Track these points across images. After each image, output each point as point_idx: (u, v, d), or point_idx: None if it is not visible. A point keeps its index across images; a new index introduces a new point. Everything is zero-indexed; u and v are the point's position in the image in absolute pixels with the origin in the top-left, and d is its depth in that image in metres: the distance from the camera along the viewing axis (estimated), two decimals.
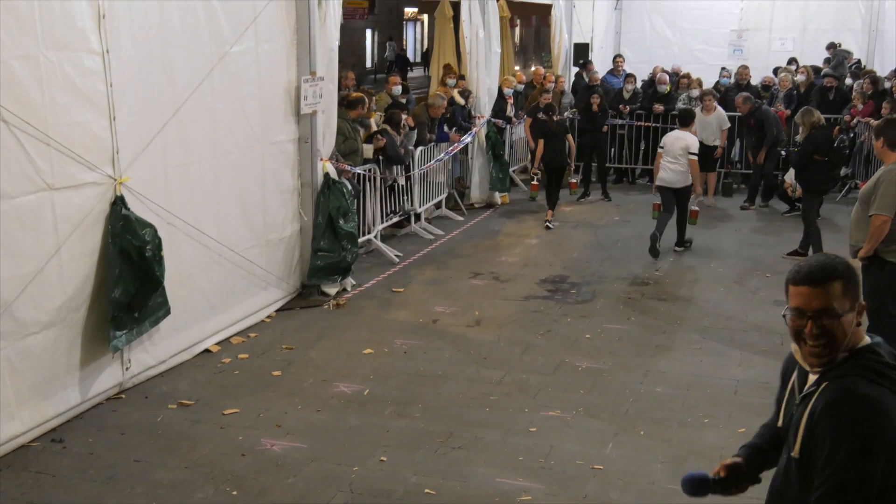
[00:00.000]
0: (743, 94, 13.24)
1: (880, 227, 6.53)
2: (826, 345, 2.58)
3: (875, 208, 6.54)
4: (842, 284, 2.57)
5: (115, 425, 6.01)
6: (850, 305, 2.58)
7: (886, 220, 6.51)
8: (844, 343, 2.58)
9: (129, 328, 6.31)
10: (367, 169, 10.05)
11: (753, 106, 12.99)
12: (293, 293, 8.70)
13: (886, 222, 6.51)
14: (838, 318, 2.56)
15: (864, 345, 2.63)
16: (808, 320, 2.58)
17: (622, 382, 6.78)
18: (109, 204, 6.23)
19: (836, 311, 2.56)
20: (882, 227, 6.52)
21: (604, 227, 11.99)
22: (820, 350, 2.59)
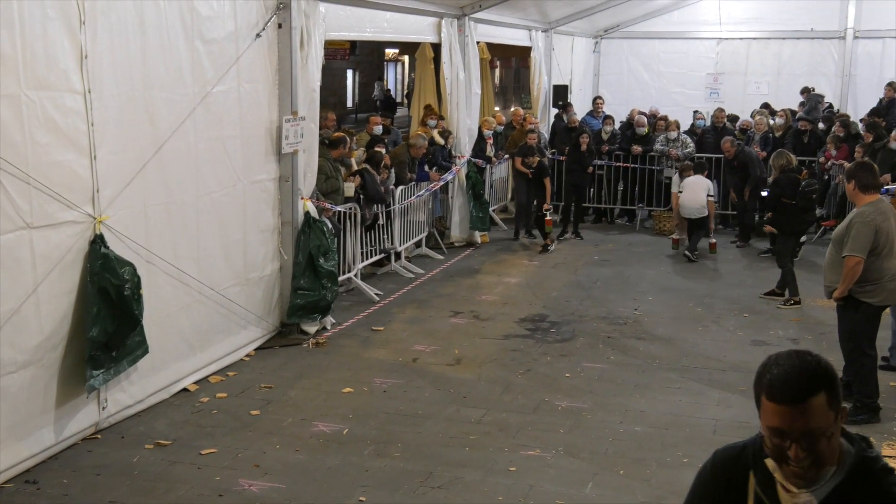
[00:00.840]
0: (728, 138, 13.49)
1: (853, 268, 6.63)
2: (813, 464, 2.25)
3: (848, 250, 6.65)
4: (826, 396, 2.22)
5: (91, 466, 5.94)
6: (836, 415, 2.25)
7: (859, 261, 6.61)
8: (833, 458, 2.27)
9: (107, 367, 6.27)
10: (348, 207, 10.09)
11: (738, 148, 13.22)
12: (273, 332, 8.67)
13: (859, 264, 6.62)
14: (827, 437, 2.23)
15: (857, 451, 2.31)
16: (791, 442, 2.24)
17: (601, 422, 6.79)
18: (88, 242, 6.22)
19: (823, 429, 2.22)
20: (855, 269, 6.62)
21: (583, 267, 12.07)
22: (806, 472, 2.26)
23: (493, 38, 14.89)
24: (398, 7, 10.97)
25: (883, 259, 6.67)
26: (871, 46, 18.31)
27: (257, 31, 8.01)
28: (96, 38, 6.15)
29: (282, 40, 8.38)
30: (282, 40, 8.38)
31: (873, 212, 6.68)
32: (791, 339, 8.90)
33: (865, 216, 6.66)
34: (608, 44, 20.43)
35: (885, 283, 6.73)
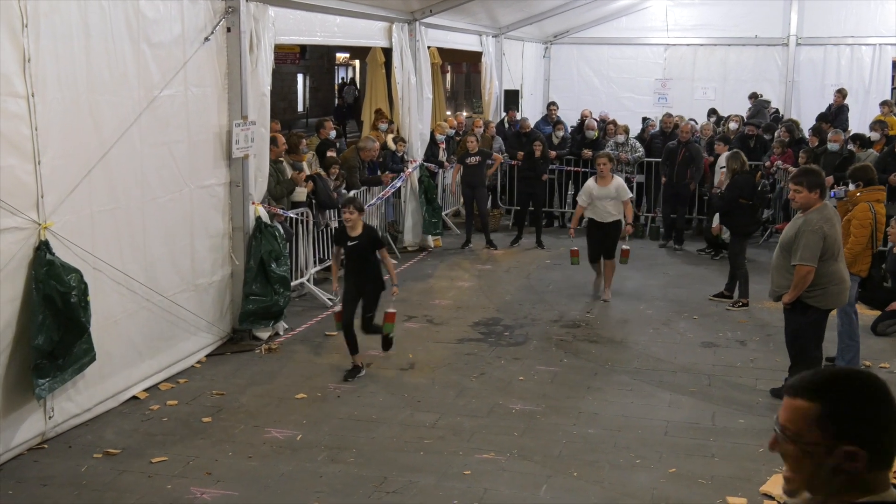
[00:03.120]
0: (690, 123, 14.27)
1: (805, 276, 6.77)
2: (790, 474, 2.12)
3: (798, 258, 6.78)
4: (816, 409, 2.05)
5: (37, 477, 5.81)
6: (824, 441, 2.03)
7: (810, 270, 6.75)
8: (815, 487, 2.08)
9: (53, 376, 6.14)
10: (300, 212, 10.02)
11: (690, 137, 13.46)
12: (224, 338, 8.57)
13: (810, 273, 6.76)
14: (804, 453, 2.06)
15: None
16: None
17: (555, 424, 6.83)
18: (33, 249, 6.09)
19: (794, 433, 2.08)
20: (806, 278, 6.77)
21: (535, 271, 12.13)
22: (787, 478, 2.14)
23: (443, 43, 14.93)
24: (348, 11, 10.94)
25: (828, 264, 6.82)
26: (813, 53, 18.76)
27: (205, 35, 7.93)
28: (39, 41, 6.02)
29: (231, 44, 8.30)
30: (231, 44, 8.30)
31: (820, 219, 6.81)
32: (739, 340, 9.05)
33: (812, 224, 6.79)
34: (558, 49, 20.62)
35: (831, 287, 6.88)
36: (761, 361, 8.33)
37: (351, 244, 7.69)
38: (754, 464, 6.13)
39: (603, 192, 10.42)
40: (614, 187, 10.41)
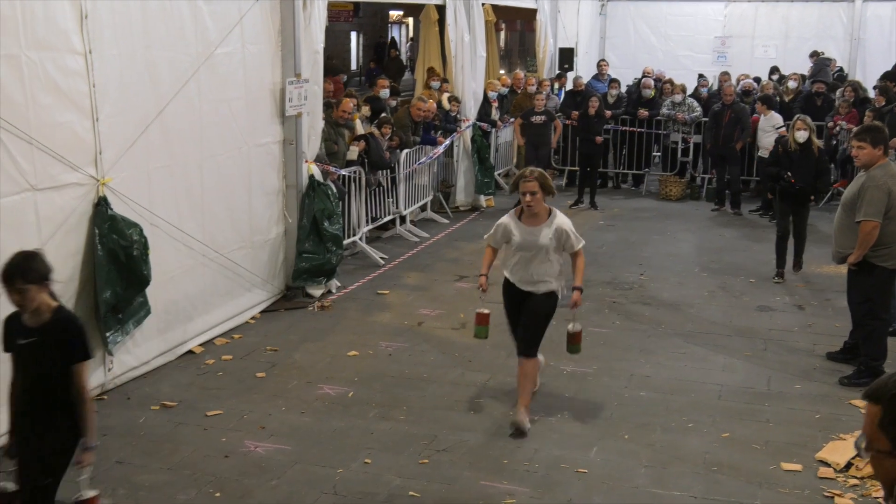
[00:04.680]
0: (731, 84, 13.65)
1: (870, 233, 6.57)
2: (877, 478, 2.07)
3: (863, 215, 6.59)
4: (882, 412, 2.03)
5: (97, 427, 5.93)
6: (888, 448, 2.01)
7: (876, 225, 6.55)
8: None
9: (114, 329, 6.28)
10: (352, 171, 10.04)
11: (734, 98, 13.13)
12: (277, 295, 8.67)
13: (876, 228, 6.56)
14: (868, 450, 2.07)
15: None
16: None
17: (606, 387, 6.80)
18: (92, 205, 6.19)
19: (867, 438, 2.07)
20: (871, 234, 6.57)
21: (588, 232, 12.00)
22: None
23: (498, 0, 14.71)
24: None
25: (894, 222, 6.61)
26: (880, 9, 18.11)
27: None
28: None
29: (284, 1, 8.27)
30: (284, 1, 8.27)
31: (884, 175, 6.61)
32: (797, 304, 8.87)
33: (877, 180, 6.59)
34: (614, 6, 20.22)
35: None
36: (819, 326, 8.16)
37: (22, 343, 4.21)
38: (810, 430, 6.04)
39: (529, 237, 5.99)
40: (552, 232, 5.97)
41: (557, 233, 5.98)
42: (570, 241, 6.05)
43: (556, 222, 6.00)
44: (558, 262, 6.12)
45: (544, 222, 6.00)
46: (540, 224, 6.01)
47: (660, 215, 13.05)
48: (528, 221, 6.03)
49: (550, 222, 6.01)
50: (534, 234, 5.99)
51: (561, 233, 5.99)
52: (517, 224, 6.07)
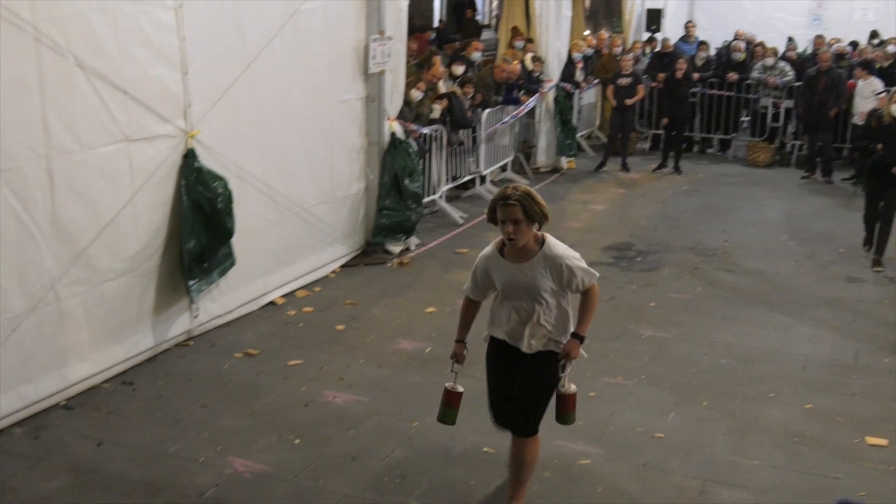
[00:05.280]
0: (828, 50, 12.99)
1: None
2: None
3: None
4: None
5: (183, 371, 6.16)
6: None
7: None
8: None
9: (200, 278, 6.46)
10: (434, 129, 10.03)
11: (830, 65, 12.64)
12: (357, 250, 8.77)
13: None
14: None
15: None
16: None
17: (686, 353, 6.70)
18: (181, 156, 6.34)
19: None
20: None
21: (671, 197, 11.80)
22: None
23: None
24: None
25: None
26: None
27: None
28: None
29: None
30: None
31: None
32: (888, 276, 8.56)
33: None
34: None
35: None
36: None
37: None
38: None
39: (516, 278, 4.39)
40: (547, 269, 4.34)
41: (555, 268, 4.27)
42: (576, 277, 4.31)
43: (551, 254, 4.27)
44: (565, 307, 4.42)
45: (535, 256, 4.28)
46: (529, 259, 4.28)
47: (746, 181, 12.72)
48: (514, 257, 4.32)
49: (543, 256, 4.27)
50: (522, 273, 4.29)
51: (560, 268, 4.27)
52: (499, 262, 4.37)
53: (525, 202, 4.16)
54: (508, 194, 4.17)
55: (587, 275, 4.34)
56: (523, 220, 4.17)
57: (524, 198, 4.17)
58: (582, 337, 4.45)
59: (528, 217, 4.17)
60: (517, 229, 4.18)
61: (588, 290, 4.39)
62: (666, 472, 5.01)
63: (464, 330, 4.74)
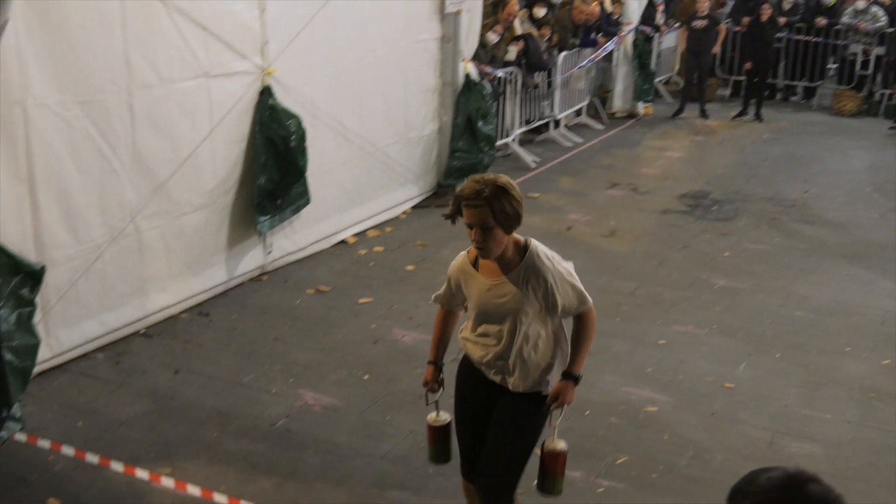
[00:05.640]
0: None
1: None
2: None
3: None
4: None
5: (257, 305, 6.30)
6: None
7: None
8: None
9: (272, 214, 6.55)
10: (509, 72, 9.90)
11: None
12: (429, 192, 8.77)
13: None
14: None
15: None
16: None
17: (760, 304, 6.57)
18: (258, 93, 6.39)
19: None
20: None
21: (751, 145, 11.48)
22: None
23: None
24: None
25: None
26: None
27: None
28: None
29: None
30: None
31: None
32: None
33: None
34: None
35: None
36: None
37: None
38: None
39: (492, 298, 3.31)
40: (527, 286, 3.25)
41: (539, 286, 3.22)
42: (565, 298, 3.26)
43: (534, 266, 3.22)
44: (558, 335, 3.36)
45: (515, 270, 3.23)
46: (508, 274, 3.24)
47: (831, 131, 12.29)
48: (489, 272, 3.29)
49: (525, 268, 3.22)
50: (500, 292, 3.26)
51: (545, 286, 3.21)
52: (472, 276, 3.35)
53: (496, 203, 3.08)
54: (477, 190, 3.09)
55: (579, 298, 3.30)
56: (494, 225, 3.10)
57: (497, 195, 3.08)
58: (577, 377, 3.35)
59: (501, 220, 3.10)
60: (487, 237, 3.12)
61: (582, 316, 3.36)
62: (735, 422, 4.96)
63: (437, 348, 3.64)
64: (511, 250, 3.24)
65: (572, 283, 3.30)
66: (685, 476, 4.43)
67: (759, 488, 1.80)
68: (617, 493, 4.28)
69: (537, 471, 3.48)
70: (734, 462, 4.55)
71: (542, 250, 3.28)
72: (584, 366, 3.39)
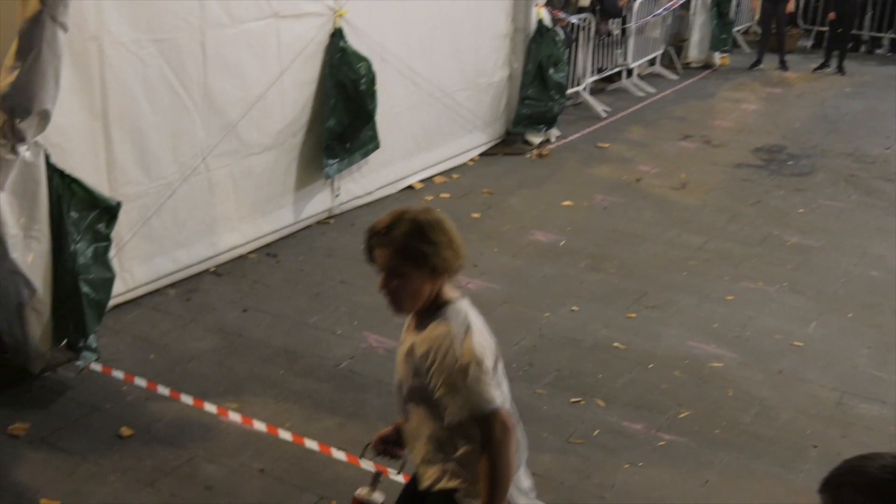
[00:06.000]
0: None
1: None
2: None
3: None
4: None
5: (324, 247, 6.36)
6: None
7: None
8: None
9: (341, 158, 6.57)
10: (582, 19, 9.69)
11: None
12: (497, 139, 8.70)
13: None
14: None
15: None
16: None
17: (834, 262, 6.40)
18: (329, 35, 6.36)
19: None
20: None
21: (831, 98, 11.09)
22: None
23: None
24: None
25: None
26: None
27: None
28: None
29: None
30: None
31: None
32: None
33: None
34: None
35: None
36: None
37: None
38: None
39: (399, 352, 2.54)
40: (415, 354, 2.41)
41: (424, 359, 2.37)
42: (449, 398, 2.33)
43: (431, 335, 2.38)
44: (444, 436, 2.43)
45: (422, 331, 2.43)
46: (418, 334, 2.45)
47: None
48: (412, 325, 2.52)
49: (427, 332, 2.41)
50: (401, 352, 2.53)
51: (428, 364, 2.36)
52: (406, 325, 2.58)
53: (410, 244, 2.34)
54: (388, 225, 2.37)
55: (468, 404, 2.30)
56: (410, 270, 2.36)
57: (412, 235, 2.35)
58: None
59: (414, 262, 2.35)
60: (396, 286, 2.39)
61: (485, 429, 2.31)
62: (802, 380, 4.87)
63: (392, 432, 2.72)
64: (430, 305, 2.41)
65: (466, 381, 2.28)
66: (748, 433, 4.38)
67: (873, 479, 1.57)
68: (678, 447, 4.26)
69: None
70: (799, 421, 4.48)
71: (460, 319, 2.36)
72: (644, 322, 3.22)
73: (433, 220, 2.41)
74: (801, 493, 3.95)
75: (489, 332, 2.44)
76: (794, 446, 4.30)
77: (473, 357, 2.32)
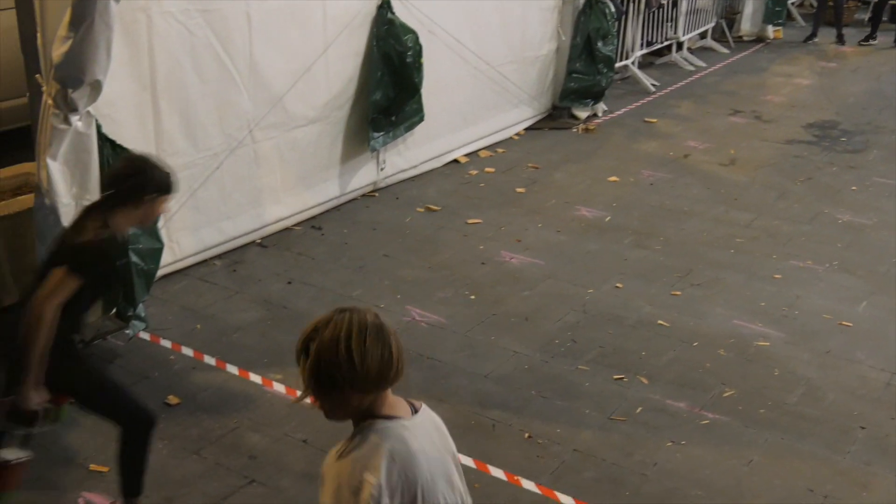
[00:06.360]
0: None
1: None
2: None
3: None
4: None
5: (368, 221, 6.38)
6: None
7: None
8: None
9: (386, 131, 6.57)
10: None
11: None
12: (543, 113, 8.63)
13: None
14: None
15: None
16: None
17: (886, 241, 6.26)
18: (376, 7, 6.34)
19: None
20: None
21: (888, 73, 10.80)
22: None
23: None
24: None
25: None
26: None
27: None
28: None
29: None
30: None
31: None
32: None
33: None
34: None
35: None
36: None
37: None
38: None
39: None
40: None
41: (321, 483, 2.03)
42: None
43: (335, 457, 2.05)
44: None
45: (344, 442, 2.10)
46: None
47: None
48: None
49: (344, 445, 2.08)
50: None
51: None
52: None
53: (314, 365, 2.01)
54: (304, 338, 2.03)
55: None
56: (319, 392, 2.07)
57: (319, 355, 2.00)
58: None
59: (322, 385, 2.05)
60: (319, 402, 2.11)
61: None
62: (851, 361, 4.79)
63: None
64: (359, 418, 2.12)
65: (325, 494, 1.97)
66: (794, 413, 4.33)
67: None
68: (721, 426, 4.22)
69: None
70: (847, 402, 4.41)
71: (364, 450, 2.01)
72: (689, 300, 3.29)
73: (345, 336, 2.02)
74: (847, 475, 3.90)
75: (417, 467, 2.03)
76: (841, 427, 4.24)
77: (345, 482, 1.95)
